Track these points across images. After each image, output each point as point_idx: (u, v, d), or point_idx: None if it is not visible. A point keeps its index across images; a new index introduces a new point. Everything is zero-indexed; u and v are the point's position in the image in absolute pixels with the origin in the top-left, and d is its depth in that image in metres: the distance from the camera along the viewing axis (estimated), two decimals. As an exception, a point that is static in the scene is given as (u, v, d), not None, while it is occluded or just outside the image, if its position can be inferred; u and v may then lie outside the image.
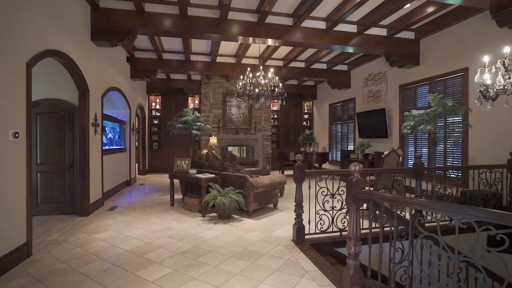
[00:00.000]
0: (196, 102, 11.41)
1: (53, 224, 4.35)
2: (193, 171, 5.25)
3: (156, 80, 10.71)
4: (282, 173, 10.21)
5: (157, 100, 11.27)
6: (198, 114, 7.59)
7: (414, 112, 5.27)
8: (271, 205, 5.46)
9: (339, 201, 3.66)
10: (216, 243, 3.66)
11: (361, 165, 2.39)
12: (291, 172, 11.65)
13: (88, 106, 4.84)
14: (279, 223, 4.55)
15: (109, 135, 6.66)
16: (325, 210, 3.76)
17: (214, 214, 4.97)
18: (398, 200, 2.34)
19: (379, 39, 6.43)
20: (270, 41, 6.12)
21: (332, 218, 3.81)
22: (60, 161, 4.78)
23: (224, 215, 4.65)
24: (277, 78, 7.01)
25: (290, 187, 7.35)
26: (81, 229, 4.12)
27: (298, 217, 3.71)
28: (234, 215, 4.88)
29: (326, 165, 10.40)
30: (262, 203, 5.06)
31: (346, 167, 8.80)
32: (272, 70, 7.10)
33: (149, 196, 6.61)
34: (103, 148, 5.97)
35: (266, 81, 6.85)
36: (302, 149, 10.04)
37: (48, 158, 4.73)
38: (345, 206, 3.99)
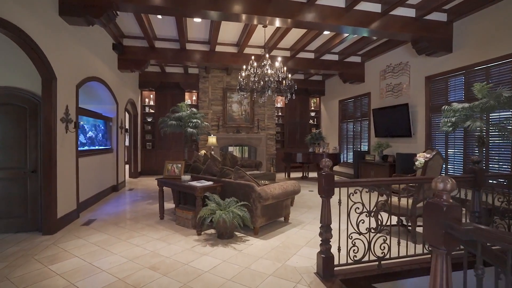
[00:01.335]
0: (194, 98, 10.46)
1: (5, 246, 3.39)
2: (186, 177, 4.29)
3: (149, 74, 9.76)
4: (288, 176, 9.27)
5: (151, 96, 10.30)
6: (195, 110, 6.63)
7: (456, 105, 4.32)
8: (282, 219, 4.51)
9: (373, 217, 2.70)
10: (214, 278, 2.70)
11: (454, 181, 1.43)
12: (297, 175, 10.84)
13: (56, 97, 3.88)
14: (294, 244, 3.60)
15: (90, 134, 5.70)
16: (360, 233, 2.81)
17: (212, 230, 4.02)
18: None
19: (406, 20, 5.47)
20: (278, 22, 5.15)
21: (369, 243, 2.86)
22: (19, 166, 3.83)
23: (224, 234, 3.70)
24: (285, 68, 6.07)
25: (300, 194, 6.40)
26: (38, 255, 3.16)
27: (325, 243, 2.75)
28: (237, 232, 3.93)
29: (337, 168, 9.45)
30: (271, 217, 4.10)
31: (361, 170, 7.86)
32: (279, 58, 6.17)
33: (137, 205, 5.65)
34: (80, 148, 5.01)
35: (274, 70, 5.92)
36: (310, 150, 9.08)
37: (4, 161, 3.78)
38: (383, 226, 3.06)
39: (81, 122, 5.30)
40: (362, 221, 2.83)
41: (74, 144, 4.54)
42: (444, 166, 5.67)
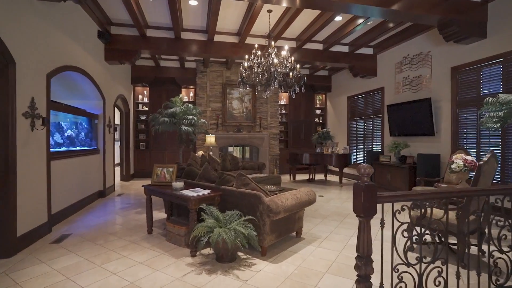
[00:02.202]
0: (191, 94, 9.70)
1: None
2: (178, 184, 3.54)
3: (142, 68, 9.01)
4: (294, 178, 8.54)
5: (145, 92, 9.54)
6: (190, 105, 5.86)
7: (506, 96, 3.57)
8: (293, 233, 3.77)
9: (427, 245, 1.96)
10: (211, 330, 1.95)
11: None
12: (302, 177, 10.06)
13: (14, 87, 3.13)
14: (313, 271, 2.85)
15: (69, 132, 4.95)
16: (409, 264, 2.07)
17: (210, 251, 3.28)
18: None
19: (433, 1, 4.74)
20: (286, 0, 4.41)
21: (419, 277, 2.12)
22: (-31, 172, 3.07)
23: (225, 256, 2.95)
24: (292, 58, 5.33)
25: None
26: (-20, 291, 2.42)
27: (364, 280, 1.99)
28: (240, 253, 3.18)
29: (346, 170, 8.71)
30: (281, 233, 3.36)
31: (375, 173, 7.11)
32: (286, 47, 5.43)
33: (124, 214, 4.90)
34: (54, 150, 4.26)
35: (281, 60, 5.18)
36: (318, 150, 8.35)
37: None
38: (438, 254, 2.31)
39: (57, 119, 4.56)
40: (411, 248, 2.09)
41: (44, 145, 3.78)
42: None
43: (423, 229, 2.10)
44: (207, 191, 3.38)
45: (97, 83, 5.82)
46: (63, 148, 4.68)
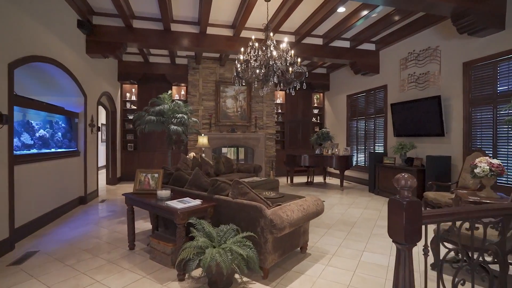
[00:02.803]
0: (183, 92, 9.15)
1: None
2: (164, 193, 3.01)
3: (130, 64, 8.44)
4: (291, 181, 8.06)
5: (133, 90, 8.96)
6: (180, 102, 5.32)
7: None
8: (298, 249, 3.28)
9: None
10: None
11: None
12: (300, 180, 9.47)
13: (-38, 76, 2.57)
14: (325, 299, 2.36)
15: (41, 132, 4.37)
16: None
17: (201, 272, 2.76)
18: None
19: (448, -11, 4.31)
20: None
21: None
22: None
23: (219, 282, 2.44)
24: (292, 52, 4.84)
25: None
26: None
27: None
28: (237, 275, 2.68)
29: (347, 172, 8.27)
30: (285, 250, 2.86)
31: (379, 176, 6.67)
32: (286, 39, 4.95)
33: (104, 225, 4.35)
34: (21, 152, 3.70)
35: (280, 53, 4.70)
36: (317, 151, 7.88)
37: None
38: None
39: (26, 118, 3.99)
40: (462, 281, 1.61)
41: (5, 147, 3.21)
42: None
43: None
44: (197, 202, 2.86)
45: (76, 78, 5.25)
46: (34, 150, 4.11)
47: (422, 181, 5.59)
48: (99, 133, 10.80)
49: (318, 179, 9.02)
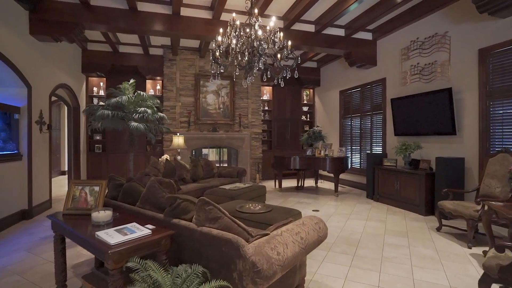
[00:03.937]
0: (158, 87, 8.15)
1: None
2: (101, 215, 2.08)
3: (96, 53, 7.38)
4: (280, 186, 7.20)
5: (101, 84, 7.88)
6: (144, 94, 4.34)
7: None
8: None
9: None
10: None
11: None
12: (290, 183, 8.45)
13: None
14: None
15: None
16: None
17: (151, 338, 1.84)
18: None
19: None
20: None
21: None
22: None
23: None
24: (281, 34, 3.97)
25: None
26: None
27: None
28: None
29: (343, 176, 7.48)
30: (276, 298, 1.98)
31: (378, 179, 5.90)
32: (274, 18, 4.09)
33: (40, 251, 3.35)
34: None
35: (267, 34, 3.84)
36: (308, 153, 7.06)
37: None
38: None
39: None
40: None
41: None
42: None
43: None
44: (146, 231, 1.93)
45: (14, 64, 4.21)
46: None
47: (431, 186, 4.85)
48: (61, 133, 9.62)
49: (309, 182, 8.21)
